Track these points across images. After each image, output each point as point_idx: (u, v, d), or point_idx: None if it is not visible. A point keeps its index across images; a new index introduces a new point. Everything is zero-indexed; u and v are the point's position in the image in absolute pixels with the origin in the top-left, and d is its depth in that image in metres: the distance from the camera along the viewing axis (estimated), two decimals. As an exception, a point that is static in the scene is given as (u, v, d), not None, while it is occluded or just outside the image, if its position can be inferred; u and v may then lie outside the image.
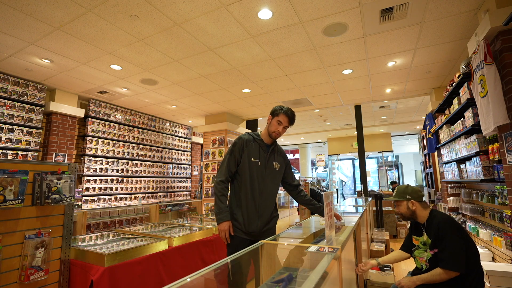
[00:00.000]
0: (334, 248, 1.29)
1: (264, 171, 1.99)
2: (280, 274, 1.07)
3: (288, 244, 1.52)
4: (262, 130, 2.12)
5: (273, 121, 2.04)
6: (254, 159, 1.97)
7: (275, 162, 2.07)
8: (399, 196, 2.10)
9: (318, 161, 13.95)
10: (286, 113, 2.02)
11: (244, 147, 1.99)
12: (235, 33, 3.28)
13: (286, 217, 9.93)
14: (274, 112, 2.05)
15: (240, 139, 2.02)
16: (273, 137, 2.04)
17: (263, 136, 2.08)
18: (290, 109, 2.05)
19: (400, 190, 2.12)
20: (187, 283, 0.97)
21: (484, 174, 2.93)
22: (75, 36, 3.28)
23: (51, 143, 4.84)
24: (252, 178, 1.95)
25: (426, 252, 1.96)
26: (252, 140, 2.04)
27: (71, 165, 1.91)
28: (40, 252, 1.66)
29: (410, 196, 2.06)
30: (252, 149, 2.00)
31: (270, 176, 2.02)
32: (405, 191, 2.09)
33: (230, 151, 1.99)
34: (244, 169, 1.96)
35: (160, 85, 4.94)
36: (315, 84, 5.07)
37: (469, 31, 3.27)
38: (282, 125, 2.03)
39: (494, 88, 2.41)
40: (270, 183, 2.02)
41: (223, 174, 1.95)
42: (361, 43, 3.59)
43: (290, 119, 2.04)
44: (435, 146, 4.95)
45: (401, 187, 2.14)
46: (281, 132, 2.04)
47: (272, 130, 2.04)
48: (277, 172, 2.07)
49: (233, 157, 1.98)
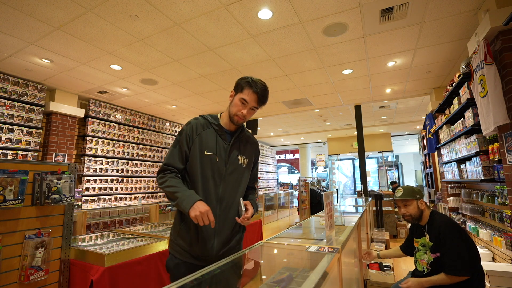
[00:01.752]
0: (334, 248, 1.29)
1: (223, 168, 1.41)
2: (280, 274, 1.07)
3: (288, 244, 1.51)
4: (223, 113, 1.53)
5: (236, 99, 1.42)
6: (209, 152, 1.39)
7: (241, 156, 1.48)
8: (409, 195, 2.00)
9: (318, 161, 13.95)
10: (254, 88, 1.38)
11: (194, 135, 1.41)
12: (235, 33, 3.28)
13: (286, 217, 9.93)
14: (238, 86, 1.43)
15: (188, 124, 1.44)
16: (235, 121, 1.43)
17: (223, 121, 1.48)
18: (261, 82, 1.43)
19: (409, 189, 2.03)
20: (187, 283, 0.97)
21: (484, 174, 2.93)
22: (75, 36, 3.28)
23: (51, 143, 4.84)
24: (205, 178, 1.38)
25: (426, 254, 1.95)
26: (207, 125, 1.45)
27: (71, 165, 1.91)
28: (40, 252, 1.66)
29: (419, 195, 2.01)
30: (206, 137, 1.42)
31: (234, 176, 1.44)
32: (414, 190, 2.03)
33: (175, 141, 1.44)
34: (193, 166, 1.38)
35: (160, 85, 4.94)
36: (315, 84, 5.07)
37: (469, 31, 3.27)
38: (247, 105, 1.39)
39: (494, 88, 2.41)
40: (233, 185, 1.44)
41: (163, 169, 1.40)
42: (361, 43, 3.59)
43: (260, 97, 1.40)
44: (435, 146, 4.95)
45: (408, 187, 2.06)
46: (247, 116, 1.42)
47: (233, 112, 1.41)
48: (244, 169, 1.49)
49: (177, 149, 1.41)
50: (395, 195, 2.10)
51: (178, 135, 1.45)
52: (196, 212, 1.22)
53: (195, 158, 1.39)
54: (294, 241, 1.59)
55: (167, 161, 1.40)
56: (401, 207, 2.05)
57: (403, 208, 2.04)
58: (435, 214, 2.00)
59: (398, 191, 2.08)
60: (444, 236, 1.82)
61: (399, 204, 2.07)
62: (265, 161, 12.20)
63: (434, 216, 1.98)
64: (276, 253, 1.53)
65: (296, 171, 17.42)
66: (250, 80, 1.40)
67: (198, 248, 1.35)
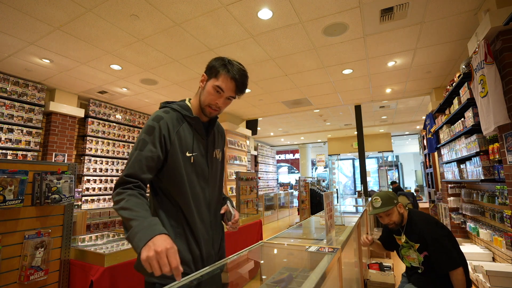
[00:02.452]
0: (334, 248, 1.29)
1: (207, 169, 1.19)
2: (280, 274, 1.07)
3: (288, 244, 1.51)
4: (191, 99, 1.25)
5: (209, 86, 1.15)
6: (191, 153, 1.14)
7: (217, 150, 1.28)
8: (389, 203, 1.94)
9: (318, 161, 13.95)
10: (232, 74, 1.12)
11: (172, 134, 1.11)
12: (235, 33, 3.28)
13: (286, 217, 9.93)
14: (212, 70, 1.15)
15: (160, 119, 1.11)
16: (207, 113, 1.17)
17: (194, 109, 1.21)
18: (239, 65, 1.17)
19: (386, 197, 1.96)
20: (186, 283, 0.97)
21: (484, 174, 2.93)
22: (75, 36, 3.28)
23: (50, 143, 4.83)
24: (192, 185, 1.13)
25: (411, 251, 1.96)
26: (181, 119, 1.17)
27: (71, 165, 1.91)
28: (39, 252, 1.66)
29: (396, 200, 1.98)
30: (184, 135, 1.14)
31: (215, 175, 1.25)
32: (390, 196, 1.97)
33: (142, 142, 1.06)
34: (176, 172, 1.10)
35: (160, 85, 4.94)
36: (315, 84, 5.07)
37: (469, 31, 3.27)
38: (223, 95, 1.14)
39: (494, 88, 2.41)
40: (216, 185, 1.26)
41: (125, 181, 1.02)
42: (361, 43, 3.59)
43: (239, 85, 1.15)
44: (435, 146, 4.94)
45: (384, 194, 1.98)
46: (222, 107, 1.17)
47: (206, 102, 1.15)
48: (220, 164, 1.31)
49: (146, 154, 1.05)
50: (374, 206, 1.99)
51: (144, 133, 1.08)
52: (150, 252, 0.81)
53: (177, 162, 1.09)
54: (294, 241, 1.59)
55: (130, 171, 1.03)
56: (384, 217, 1.99)
57: (386, 218, 1.98)
58: (413, 214, 2.00)
59: (375, 201, 1.98)
60: (427, 236, 1.85)
61: (380, 214, 2.00)
62: (265, 161, 12.20)
63: (412, 216, 1.99)
64: (276, 253, 1.53)
65: (296, 171, 17.42)
66: (227, 63, 1.13)
67: (202, 264, 1.12)
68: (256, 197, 6.75)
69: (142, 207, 0.97)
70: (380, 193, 1.99)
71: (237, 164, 7.21)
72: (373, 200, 2.00)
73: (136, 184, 1.03)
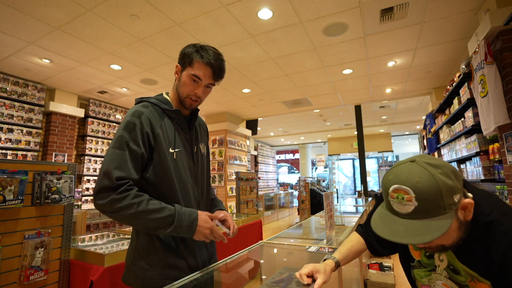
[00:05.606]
0: (334, 248, 1.29)
1: (193, 165, 1.14)
2: (280, 274, 1.07)
3: (288, 244, 1.51)
4: (169, 93, 1.19)
5: (184, 76, 1.09)
6: (174, 149, 1.08)
7: (201, 144, 1.23)
8: (434, 209, 0.67)
9: (318, 161, 13.94)
10: (206, 59, 1.05)
11: (156, 129, 1.04)
12: (235, 33, 3.28)
13: (286, 217, 9.93)
14: (185, 58, 1.09)
15: (140, 115, 1.02)
16: (187, 105, 1.12)
17: (173, 103, 1.15)
18: (214, 49, 1.10)
19: (430, 191, 0.65)
20: (186, 283, 0.97)
21: (485, 174, 2.93)
22: (75, 36, 3.28)
23: (50, 143, 4.83)
24: (182, 181, 1.08)
25: (441, 276, 0.86)
26: (162, 114, 1.10)
27: (71, 165, 1.91)
28: (39, 252, 1.66)
29: (457, 191, 0.68)
30: (166, 131, 1.08)
31: (202, 170, 1.20)
32: (440, 189, 0.66)
33: (121, 141, 0.97)
34: (164, 169, 1.03)
35: (160, 85, 4.94)
36: (315, 84, 5.07)
37: (469, 31, 3.27)
38: (201, 83, 1.08)
39: (494, 88, 2.40)
40: (204, 181, 1.21)
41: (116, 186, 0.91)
42: (361, 43, 3.59)
43: (216, 70, 1.08)
44: (435, 146, 4.94)
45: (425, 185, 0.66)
46: (202, 97, 1.11)
47: (184, 94, 1.10)
48: (206, 159, 1.26)
49: (129, 153, 0.97)
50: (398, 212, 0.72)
51: (123, 131, 0.98)
52: (201, 229, 0.98)
53: (164, 159, 1.03)
54: (294, 241, 1.59)
55: (119, 173, 0.92)
56: None
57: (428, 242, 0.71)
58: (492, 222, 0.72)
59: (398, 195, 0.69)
60: None
61: None
62: (265, 161, 12.19)
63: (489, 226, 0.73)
64: (276, 253, 1.53)
65: (296, 171, 17.41)
66: (199, 48, 1.06)
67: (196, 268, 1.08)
68: (256, 197, 6.75)
69: (157, 203, 0.96)
70: (417, 176, 0.67)
71: (237, 164, 7.21)
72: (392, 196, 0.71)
73: (129, 184, 0.94)
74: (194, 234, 0.97)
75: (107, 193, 0.90)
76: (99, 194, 0.91)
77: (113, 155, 0.95)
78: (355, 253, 1.05)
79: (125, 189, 0.92)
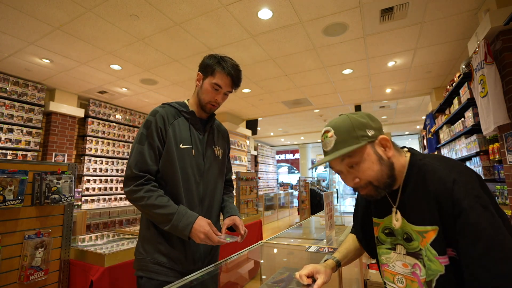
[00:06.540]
0: (334, 248, 1.29)
1: (202, 163, 1.23)
2: (280, 274, 1.07)
3: (288, 244, 1.51)
4: (190, 99, 1.32)
5: (206, 84, 1.21)
6: (185, 145, 1.19)
7: (217, 147, 1.32)
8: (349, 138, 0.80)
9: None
10: (227, 70, 1.19)
11: (167, 125, 1.18)
12: (235, 33, 3.28)
13: (286, 217, 9.93)
14: (207, 68, 1.21)
15: (156, 113, 1.18)
16: (208, 110, 1.25)
17: (193, 108, 1.28)
18: (232, 61, 1.23)
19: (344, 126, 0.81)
20: (186, 283, 0.97)
21: (485, 174, 2.93)
22: (75, 36, 3.28)
23: (50, 143, 4.83)
24: (186, 177, 1.17)
25: (401, 255, 0.85)
26: (177, 114, 1.23)
27: (71, 165, 1.91)
28: (39, 252, 1.66)
29: (370, 129, 0.81)
30: (179, 128, 1.20)
31: (212, 171, 1.27)
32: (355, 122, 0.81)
33: (142, 137, 1.15)
34: (170, 163, 1.15)
35: (160, 85, 4.94)
36: (315, 84, 5.07)
37: (469, 31, 3.27)
38: (221, 91, 1.21)
39: (494, 88, 2.41)
40: (213, 182, 1.27)
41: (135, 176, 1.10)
42: (361, 43, 3.59)
43: (235, 79, 1.22)
44: (435, 146, 4.94)
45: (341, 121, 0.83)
46: (220, 102, 1.25)
47: (206, 100, 1.22)
48: (221, 161, 1.33)
49: (148, 147, 1.13)
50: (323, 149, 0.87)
51: (143, 128, 1.16)
52: (196, 233, 1.04)
53: (171, 153, 1.15)
54: (294, 241, 1.59)
55: (139, 166, 1.10)
56: (345, 172, 0.84)
57: (349, 174, 0.83)
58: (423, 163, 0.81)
59: (325, 136, 0.84)
60: (459, 206, 0.70)
61: (336, 167, 0.85)
62: (265, 161, 12.19)
63: (422, 167, 0.80)
64: (276, 253, 1.53)
65: (296, 171, 17.41)
66: (220, 60, 1.20)
67: (186, 262, 1.15)
68: (256, 197, 6.75)
69: (161, 199, 1.09)
70: (336, 120, 0.84)
71: (237, 164, 7.21)
72: (322, 140, 0.86)
73: (146, 178, 1.11)
74: (188, 236, 1.06)
75: (129, 181, 1.10)
76: (124, 182, 1.12)
77: (135, 150, 1.14)
78: (353, 251, 1.08)
79: (142, 183, 1.09)
